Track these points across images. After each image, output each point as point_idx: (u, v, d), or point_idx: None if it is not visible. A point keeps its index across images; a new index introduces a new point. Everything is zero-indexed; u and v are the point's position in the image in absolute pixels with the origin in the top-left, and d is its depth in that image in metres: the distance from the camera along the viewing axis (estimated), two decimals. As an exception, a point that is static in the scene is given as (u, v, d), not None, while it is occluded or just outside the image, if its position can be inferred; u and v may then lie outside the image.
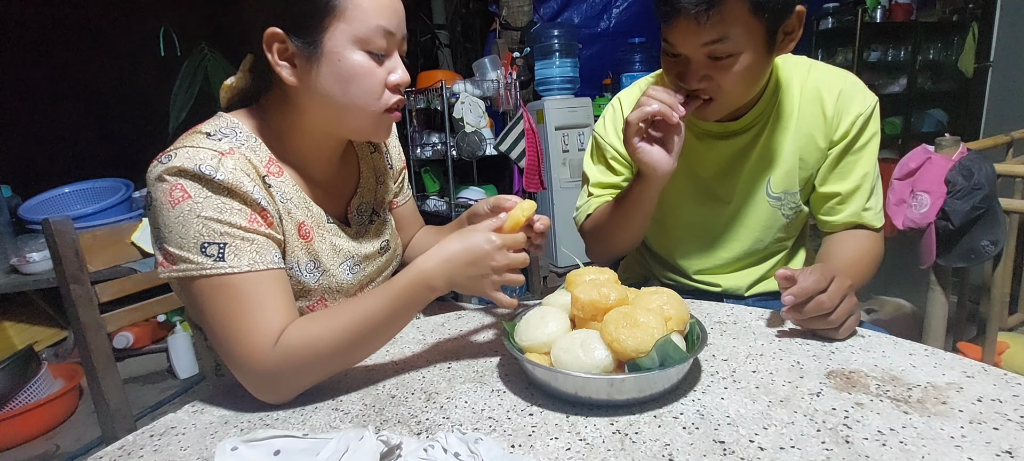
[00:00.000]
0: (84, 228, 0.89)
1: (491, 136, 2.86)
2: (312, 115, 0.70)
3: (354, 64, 0.66)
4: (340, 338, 0.61)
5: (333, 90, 0.67)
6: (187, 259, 0.60)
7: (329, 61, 0.65)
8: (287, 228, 0.70)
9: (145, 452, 0.54)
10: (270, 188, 0.68)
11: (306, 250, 0.72)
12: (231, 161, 0.62)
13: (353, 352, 0.64)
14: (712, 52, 0.76)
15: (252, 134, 0.69)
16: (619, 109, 1.01)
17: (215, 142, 0.64)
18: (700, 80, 0.80)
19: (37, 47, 3.09)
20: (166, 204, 0.60)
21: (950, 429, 0.50)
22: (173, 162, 0.60)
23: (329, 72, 0.66)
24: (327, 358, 0.61)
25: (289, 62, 0.66)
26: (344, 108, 0.68)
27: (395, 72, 0.70)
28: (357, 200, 0.83)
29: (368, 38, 0.66)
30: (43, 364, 2.06)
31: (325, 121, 0.71)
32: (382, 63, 0.68)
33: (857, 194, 0.90)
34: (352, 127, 0.72)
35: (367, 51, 0.66)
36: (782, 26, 0.78)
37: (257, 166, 0.67)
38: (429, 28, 3.88)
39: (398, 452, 0.48)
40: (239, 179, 0.62)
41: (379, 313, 0.62)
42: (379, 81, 0.68)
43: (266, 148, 0.70)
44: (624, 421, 0.54)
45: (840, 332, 0.69)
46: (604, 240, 0.99)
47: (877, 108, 0.89)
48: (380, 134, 0.74)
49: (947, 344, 1.46)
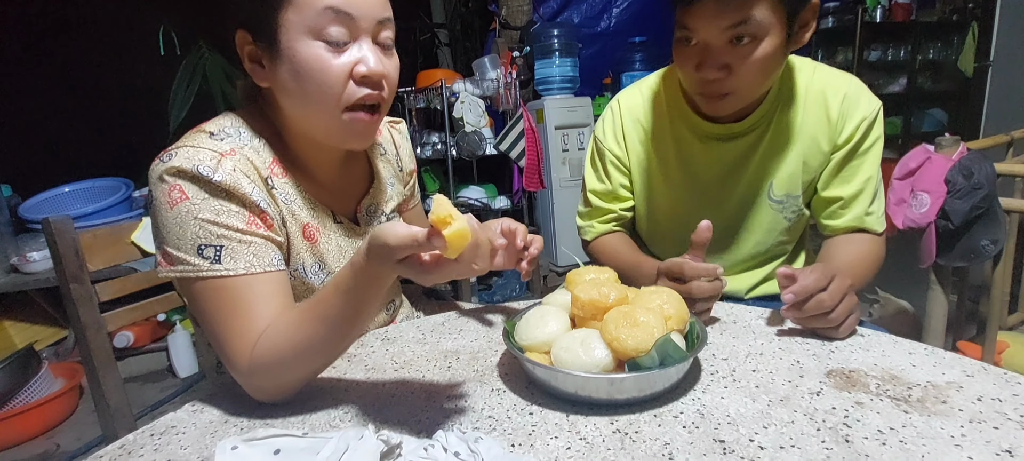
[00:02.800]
0: (84, 227, 0.89)
1: (491, 136, 2.86)
2: (291, 117, 0.68)
3: (306, 57, 0.61)
4: (307, 336, 0.57)
5: (293, 89, 0.63)
6: (184, 261, 0.59)
7: (285, 57, 0.62)
8: (291, 230, 0.69)
9: (145, 451, 0.54)
10: (273, 189, 0.67)
11: (311, 252, 0.72)
12: (231, 162, 0.62)
13: (322, 346, 0.58)
14: (735, 34, 0.74)
15: (256, 134, 0.68)
16: (618, 112, 1.00)
17: (217, 142, 0.63)
18: (719, 69, 0.77)
19: (37, 47, 3.09)
20: (165, 204, 0.60)
21: (950, 428, 0.50)
22: (172, 162, 0.60)
23: (287, 69, 0.62)
24: (295, 361, 0.58)
25: (259, 63, 0.65)
26: (305, 108, 0.64)
27: (362, 62, 0.62)
28: (368, 200, 0.81)
29: (318, 24, 0.60)
30: (43, 363, 2.06)
31: (301, 123, 0.68)
32: (342, 52, 0.62)
33: (860, 198, 0.90)
34: (318, 130, 0.66)
35: (323, 40, 0.61)
36: (799, 16, 0.77)
37: (259, 167, 0.66)
38: (429, 27, 3.88)
39: (398, 452, 0.48)
40: (238, 181, 0.61)
41: (338, 303, 0.56)
42: (338, 74, 0.62)
43: (269, 148, 0.69)
44: (624, 420, 0.54)
45: (840, 331, 0.69)
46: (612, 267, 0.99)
47: (881, 112, 0.89)
48: (351, 139, 0.67)
49: (947, 343, 1.47)
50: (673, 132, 0.95)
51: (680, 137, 0.95)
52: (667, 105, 0.95)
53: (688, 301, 0.71)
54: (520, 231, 0.77)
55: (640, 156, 0.98)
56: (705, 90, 0.81)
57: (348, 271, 0.54)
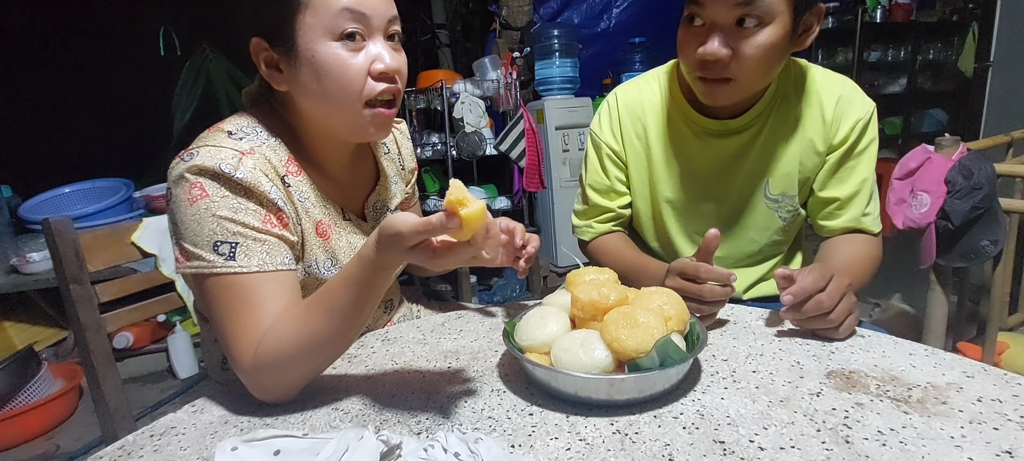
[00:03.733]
0: (84, 228, 0.89)
1: (491, 136, 2.86)
2: (309, 117, 0.70)
3: (326, 57, 0.63)
4: (310, 332, 0.58)
5: (314, 89, 0.65)
6: (200, 256, 0.60)
7: (305, 59, 0.64)
8: (305, 227, 0.70)
9: (145, 452, 0.54)
10: (289, 188, 0.68)
11: (324, 248, 0.73)
12: (251, 161, 0.63)
13: (326, 343, 0.59)
14: (743, 13, 0.74)
15: (272, 133, 0.69)
16: (614, 106, 1.00)
17: (236, 141, 0.64)
18: (722, 47, 0.77)
19: (38, 47, 3.09)
20: (185, 202, 0.61)
21: (950, 429, 0.50)
22: (195, 160, 0.61)
23: (307, 71, 0.64)
24: (299, 355, 0.58)
25: (276, 68, 0.66)
26: (328, 106, 0.66)
27: (379, 59, 0.65)
28: (375, 197, 0.83)
29: (336, 25, 0.62)
30: (43, 364, 2.06)
31: (320, 122, 0.70)
32: (359, 51, 0.64)
33: (856, 199, 0.91)
34: (340, 126, 0.69)
35: (340, 40, 0.63)
36: (804, 18, 0.78)
37: (276, 165, 0.67)
38: (429, 28, 3.88)
39: (398, 452, 0.48)
40: (258, 179, 0.62)
41: (340, 298, 0.57)
42: (357, 71, 0.64)
43: (285, 147, 0.70)
44: (624, 421, 0.54)
45: (839, 331, 0.69)
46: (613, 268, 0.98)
47: (875, 113, 0.89)
48: (372, 132, 0.69)
49: (947, 344, 1.46)
50: (670, 127, 0.95)
51: (677, 132, 0.95)
52: (664, 100, 0.95)
53: (697, 303, 0.71)
54: (518, 230, 0.80)
55: (637, 151, 0.98)
56: (706, 73, 0.81)
57: (356, 263, 0.56)
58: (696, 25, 0.79)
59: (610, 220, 1.04)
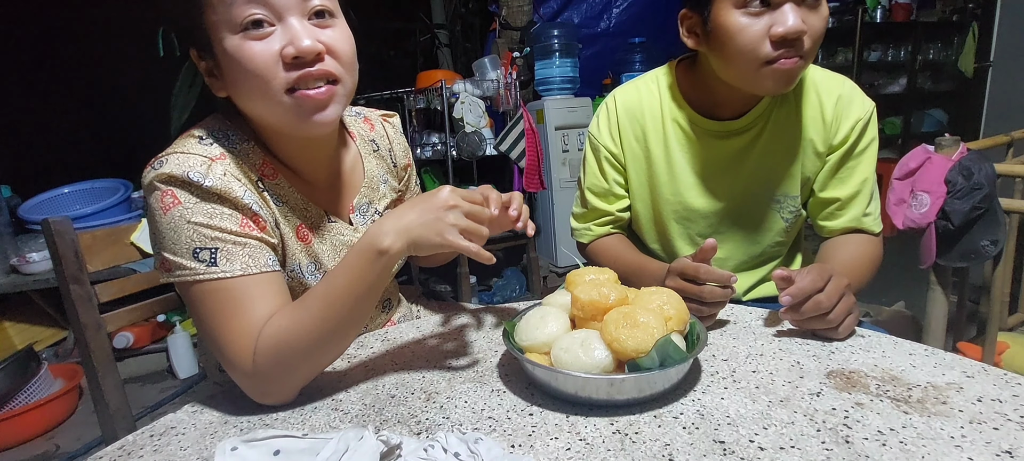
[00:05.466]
0: (84, 228, 0.89)
1: (491, 136, 2.86)
2: (251, 117, 0.68)
3: (234, 52, 0.59)
4: (309, 329, 0.58)
5: (239, 88, 0.63)
6: (181, 265, 0.59)
7: (222, 61, 0.61)
8: (284, 231, 0.69)
9: (145, 452, 0.54)
10: (264, 192, 0.67)
11: (306, 252, 0.72)
12: (221, 166, 0.62)
13: (328, 339, 0.60)
14: None
15: (243, 137, 0.68)
16: (613, 108, 0.99)
17: (206, 147, 0.63)
18: (800, 19, 0.74)
19: (37, 47, 3.09)
20: (159, 210, 0.60)
21: (950, 429, 0.50)
22: (164, 168, 0.60)
23: (227, 71, 0.62)
24: (302, 352, 0.59)
25: (213, 75, 0.65)
26: (253, 103, 0.63)
27: (289, 43, 0.59)
28: (359, 198, 0.81)
29: (235, 16, 0.58)
30: (43, 364, 2.06)
31: (259, 121, 0.67)
32: (267, 38, 0.59)
33: (857, 199, 0.90)
34: (275, 122, 0.65)
35: (243, 31, 0.59)
36: None
37: (249, 169, 0.66)
38: (429, 28, 3.88)
39: (398, 452, 0.48)
40: (228, 185, 0.61)
41: (339, 293, 0.58)
42: (264, 62, 0.59)
43: (260, 150, 0.69)
44: (624, 421, 0.54)
45: (839, 331, 0.69)
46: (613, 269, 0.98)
47: (875, 113, 0.89)
48: (305, 121, 0.63)
49: (947, 344, 1.46)
50: (669, 129, 0.95)
51: (677, 134, 0.95)
52: (663, 102, 0.95)
53: (696, 304, 0.71)
54: (493, 194, 0.71)
55: (636, 153, 0.98)
56: (789, 53, 0.77)
57: (355, 255, 0.56)
58: (754, 9, 0.76)
59: (609, 223, 1.04)
